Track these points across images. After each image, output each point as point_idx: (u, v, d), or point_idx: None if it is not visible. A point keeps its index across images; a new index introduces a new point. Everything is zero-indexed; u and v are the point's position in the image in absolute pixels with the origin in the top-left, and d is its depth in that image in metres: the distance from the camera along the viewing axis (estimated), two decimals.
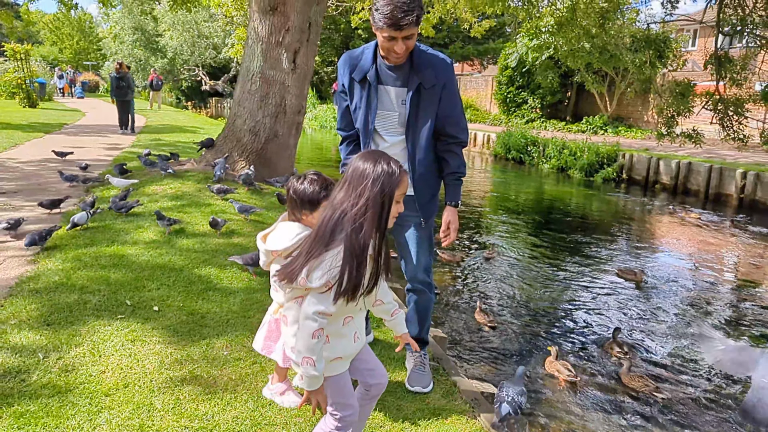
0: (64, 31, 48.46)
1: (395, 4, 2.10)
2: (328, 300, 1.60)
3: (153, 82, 22.84)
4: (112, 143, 10.89)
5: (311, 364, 1.62)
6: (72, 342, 2.63)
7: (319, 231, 1.61)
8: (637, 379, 3.75)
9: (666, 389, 3.80)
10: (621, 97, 18.29)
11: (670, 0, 8.14)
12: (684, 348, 4.47)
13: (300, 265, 1.60)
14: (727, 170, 10.61)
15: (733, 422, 3.47)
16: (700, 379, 3.99)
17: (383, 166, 1.62)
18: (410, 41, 2.21)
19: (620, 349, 4.24)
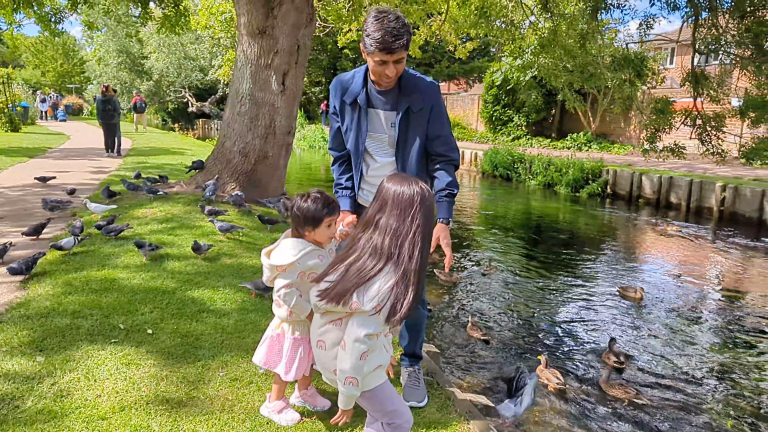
0: (46, 54, 48.32)
1: (386, 29, 2.17)
2: (377, 322, 1.66)
3: (136, 105, 22.84)
4: (99, 166, 10.84)
5: (355, 384, 1.70)
6: (66, 367, 2.62)
7: (371, 255, 1.67)
8: (617, 387, 3.82)
9: (657, 396, 3.85)
10: (603, 114, 18.69)
11: (645, 22, 8.40)
12: (674, 356, 4.54)
13: (351, 288, 1.65)
14: (707, 184, 10.85)
15: (717, 427, 3.53)
16: (691, 386, 4.05)
17: (419, 187, 1.73)
18: (400, 65, 2.29)
19: (617, 359, 4.30)
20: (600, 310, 5.64)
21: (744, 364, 4.49)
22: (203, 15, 17.51)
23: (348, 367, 1.70)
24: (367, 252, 1.69)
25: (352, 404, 1.76)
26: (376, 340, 1.72)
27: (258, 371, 2.72)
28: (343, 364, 1.72)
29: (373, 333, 1.68)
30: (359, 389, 1.71)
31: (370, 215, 1.76)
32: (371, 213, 1.77)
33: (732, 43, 7.51)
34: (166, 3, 9.03)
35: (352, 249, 1.76)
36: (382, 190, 1.78)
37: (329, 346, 1.79)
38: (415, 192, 1.72)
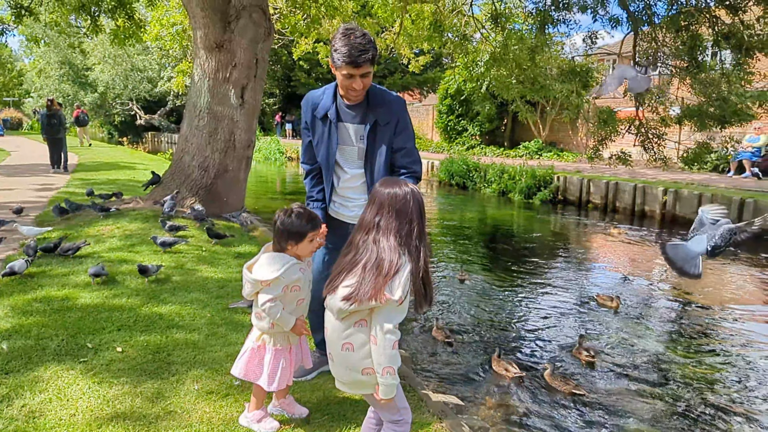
0: None
1: (352, 44, 2.30)
2: (401, 311, 1.85)
3: (78, 118, 22.05)
4: (44, 183, 10.42)
5: (392, 373, 1.85)
6: (35, 388, 2.56)
7: (387, 256, 1.83)
8: (559, 379, 4.06)
9: (601, 389, 4.08)
10: (552, 123, 19.46)
11: (590, 35, 8.88)
12: (621, 351, 4.81)
13: (382, 283, 1.81)
14: (650, 188, 11.49)
15: (668, 416, 3.78)
16: (633, 380, 4.30)
17: (409, 187, 1.91)
18: (367, 79, 2.41)
19: (588, 353, 4.54)
20: (557, 309, 5.90)
21: (685, 357, 4.80)
22: (154, 27, 17.15)
23: (384, 359, 1.84)
24: (385, 251, 1.84)
25: (392, 393, 1.89)
26: (398, 330, 1.87)
27: (234, 383, 2.74)
28: (379, 358, 1.86)
29: (398, 322, 1.85)
30: (396, 378, 1.85)
31: (369, 219, 1.90)
32: (369, 217, 1.91)
33: (670, 56, 8.04)
34: (119, 14, 8.84)
35: (359, 252, 1.88)
36: (377, 195, 1.92)
37: (358, 347, 1.89)
38: (406, 192, 1.89)
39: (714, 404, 3.95)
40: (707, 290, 6.73)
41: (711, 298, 6.41)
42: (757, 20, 6.80)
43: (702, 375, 4.42)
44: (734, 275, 7.39)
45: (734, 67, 7.30)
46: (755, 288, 6.89)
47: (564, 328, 5.40)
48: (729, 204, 9.78)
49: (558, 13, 8.44)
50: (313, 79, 29.98)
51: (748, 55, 7.03)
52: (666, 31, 7.79)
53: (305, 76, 29.97)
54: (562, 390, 3.99)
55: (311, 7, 10.68)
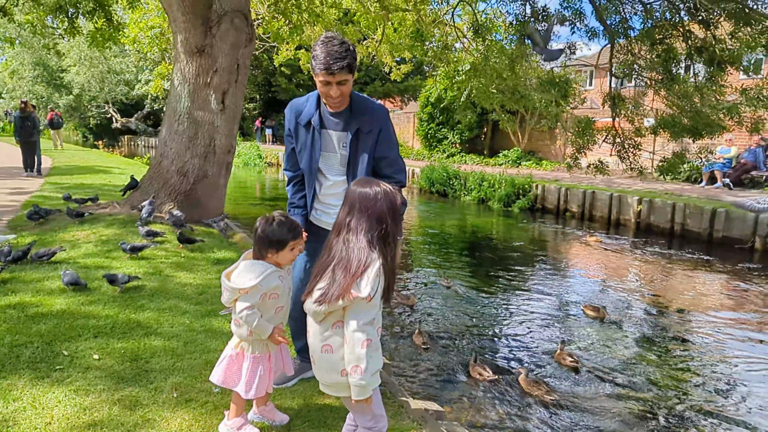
0: None
1: (328, 51, 2.34)
2: (370, 309, 1.83)
3: (53, 120, 21.63)
4: (16, 187, 10.17)
5: (360, 372, 1.83)
6: (9, 396, 2.51)
7: (356, 255, 1.85)
8: (533, 384, 4.14)
9: (574, 393, 4.16)
10: (531, 132, 19.76)
11: (568, 47, 9.06)
12: (597, 356, 4.90)
13: (351, 282, 1.82)
14: (625, 197, 11.74)
15: (645, 420, 3.86)
16: (607, 384, 4.39)
17: (381, 187, 1.91)
18: (344, 86, 2.43)
19: (571, 358, 4.63)
20: (537, 315, 5.99)
21: (663, 363, 4.92)
22: (132, 29, 16.96)
23: (353, 357, 1.84)
24: (353, 251, 1.85)
25: (365, 394, 1.87)
26: (372, 328, 1.86)
27: (213, 390, 2.72)
28: (348, 356, 1.86)
29: (368, 320, 1.83)
30: (368, 379, 1.83)
31: (341, 219, 1.93)
32: (341, 217, 1.93)
33: (645, 68, 8.26)
34: (98, 16, 8.72)
35: (331, 254, 1.90)
36: (349, 195, 1.95)
37: (336, 348, 1.90)
38: (377, 191, 1.90)
39: (689, 408, 4.06)
40: (683, 297, 6.90)
41: (687, 304, 6.57)
42: (732, 36, 7.02)
43: (678, 380, 4.53)
44: (711, 284, 7.59)
45: (707, 80, 7.52)
46: (730, 296, 7.08)
47: (544, 334, 5.48)
48: (701, 213, 10.05)
49: (537, 24, 8.62)
50: (294, 85, 29.93)
51: (720, 68, 7.25)
52: (641, 44, 8.00)
53: (286, 82, 29.90)
54: (536, 394, 4.07)
55: (293, 14, 10.69)
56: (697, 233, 10.13)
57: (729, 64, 7.22)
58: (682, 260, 8.74)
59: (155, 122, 35.05)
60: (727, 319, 6.00)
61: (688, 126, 7.69)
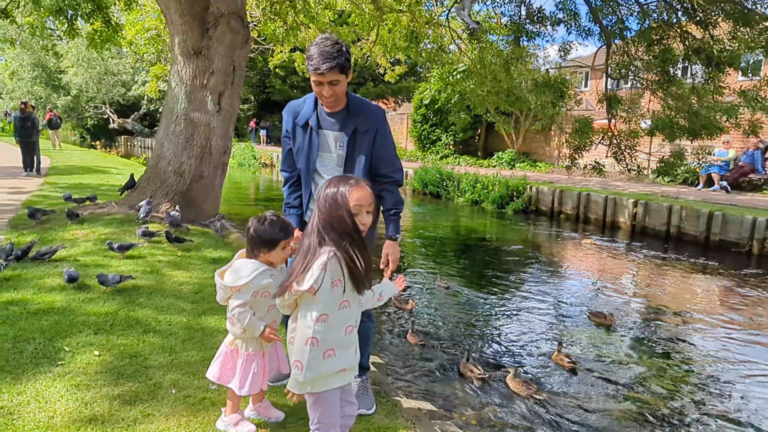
0: None
1: (320, 51, 2.42)
2: (317, 303, 1.90)
3: (51, 121, 21.67)
4: (16, 186, 10.22)
5: (300, 368, 1.91)
6: (13, 390, 2.58)
7: (306, 250, 1.94)
8: (521, 384, 4.23)
9: (563, 393, 4.24)
10: (526, 134, 19.87)
11: (563, 47, 9.15)
12: (590, 358, 4.98)
13: (293, 279, 1.92)
14: (621, 200, 11.83)
15: (639, 421, 3.95)
16: (600, 387, 4.48)
17: (336, 187, 1.97)
18: (336, 87, 2.50)
19: (569, 359, 4.70)
20: (532, 316, 6.06)
21: (655, 366, 5.00)
22: (129, 31, 17.02)
23: (297, 350, 1.94)
24: (305, 245, 1.97)
25: (297, 389, 1.95)
26: (322, 326, 1.91)
27: (210, 387, 2.79)
28: (295, 348, 1.96)
29: (317, 317, 1.91)
30: (304, 375, 1.91)
31: (311, 222, 2.03)
32: (312, 220, 2.03)
33: (641, 69, 8.30)
34: (96, 18, 8.78)
35: (299, 253, 2.01)
36: (318, 195, 2.06)
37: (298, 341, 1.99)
38: (334, 192, 1.96)
39: (685, 411, 4.11)
40: (679, 300, 6.98)
41: (683, 307, 6.60)
42: (731, 36, 7.01)
43: (675, 383, 4.58)
44: (708, 287, 7.64)
45: (705, 81, 7.54)
46: (727, 299, 7.13)
47: (539, 335, 5.54)
48: (698, 216, 10.12)
49: (533, 26, 8.70)
50: (288, 86, 29.99)
51: (719, 69, 7.23)
52: (638, 44, 8.04)
53: (280, 83, 29.95)
54: (523, 394, 4.15)
55: (289, 15, 10.77)
56: (694, 236, 10.16)
57: (727, 64, 7.18)
58: (678, 263, 8.79)
59: (151, 123, 35.04)
60: (724, 323, 6.02)
61: (686, 127, 7.72)
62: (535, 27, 8.70)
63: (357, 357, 2.07)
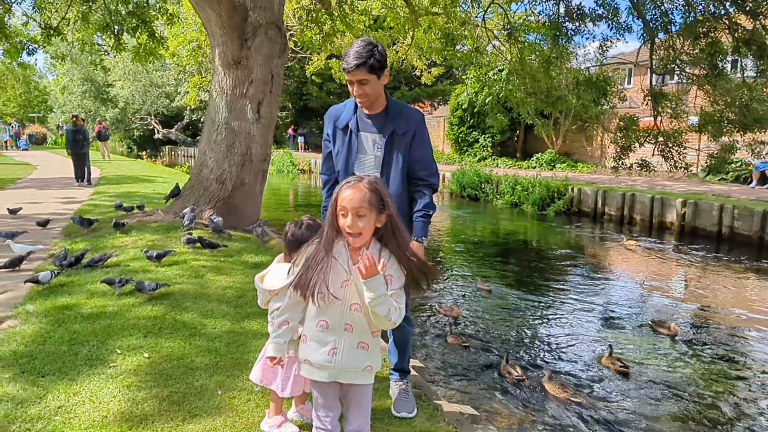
0: (8, 83, 47.30)
1: (352, 51, 2.48)
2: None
3: (100, 133, 22.69)
4: (69, 196, 10.73)
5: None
6: (69, 390, 2.70)
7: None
8: (557, 386, 4.13)
9: (603, 397, 4.10)
10: (566, 134, 19.45)
11: (603, 44, 8.93)
12: (636, 362, 4.81)
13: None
14: (668, 199, 11.41)
15: None
16: (673, 391, 4.31)
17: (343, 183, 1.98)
18: (366, 86, 2.53)
19: (620, 363, 4.57)
20: (575, 320, 5.91)
21: (709, 374, 4.78)
22: (172, 43, 17.66)
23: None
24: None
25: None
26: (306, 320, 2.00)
27: (254, 389, 2.84)
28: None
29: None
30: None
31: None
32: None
33: (688, 63, 8.01)
34: (141, 32, 9.15)
35: None
36: None
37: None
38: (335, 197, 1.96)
39: (738, 421, 3.94)
40: (734, 304, 6.67)
41: (738, 312, 6.29)
42: None
43: (730, 390, 4.37)
44: (765, 291, 7.28)
45: (757, 74, 7.23)
46: None
47: (585, 338, 5.40)
48: (751, 216, 9.66)
49: (572, 23, 8.52)
50: (325, 93, 30.37)
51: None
52: (683, 38, 7.77)
53: (317, 90, 30.36)
54: (561, 396, 4.07)
55: (325, 23, 10.92)
56: (747, 237, 9.70)
57: None
58: (731, 265, 8.38)
59: (194, 132, 36.14)
60: None
61: (736, 120, 7.41)
62: (574, 25, 8.52)
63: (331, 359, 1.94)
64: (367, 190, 1.87)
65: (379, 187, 1.91)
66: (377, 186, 1.91)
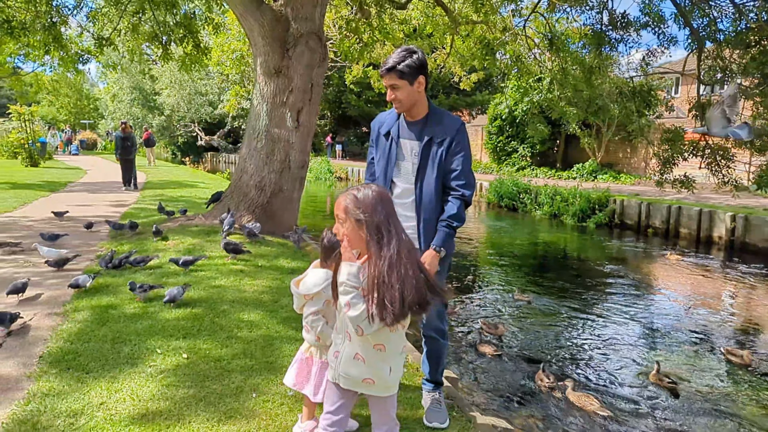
0: (62, 91, 49.71)
1: (389, 57, 2.54)
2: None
3: (149, 139, 23.56)
4: (118, 200, 11.16)
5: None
6: (111, 388, 2.79)
7: None
8: (583, 397, 4.05)
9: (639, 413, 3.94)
10: (608, 144, 18.97)
11: (648, 54, 8.68)
12: (682, 379, 4.62)
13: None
14: (716, 213, 10.96)
15: None
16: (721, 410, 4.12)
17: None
18: (397, 91, 2.56)
19: (668, 379, 4.48)
20: (613, 335, 5.73)
21: (757, 399, 4.55)
22: (216, 52, 18.23)
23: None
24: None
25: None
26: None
27: (287, 393, 2.86)
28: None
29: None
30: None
31: None
32: None
33: (737, 73, 7.70)
34: (187, 42, 9.47)
35: None
36: None
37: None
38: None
39: None
40: None
41: None
42: None
43: None
44: None
45: None
46: None
47: (627, 353, 5.24)
48: None
49: (616, 32, 8.33)
50: (363, 102, 30.63)
51: None
52: (733, 47, 7.49)
53: (355, 99, 30.65)
54: (585, 408, 3.99)
55: (364, 33, 11.03)
56: None
57: None
58: None
59: (235, 139, 37.04)
60: None
61: None
62: (618, 34, 8.33)
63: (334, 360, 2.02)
64: (349, 199, 1.92)
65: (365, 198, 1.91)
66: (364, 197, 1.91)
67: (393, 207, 1.98)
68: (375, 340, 1.93)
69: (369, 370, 1.95)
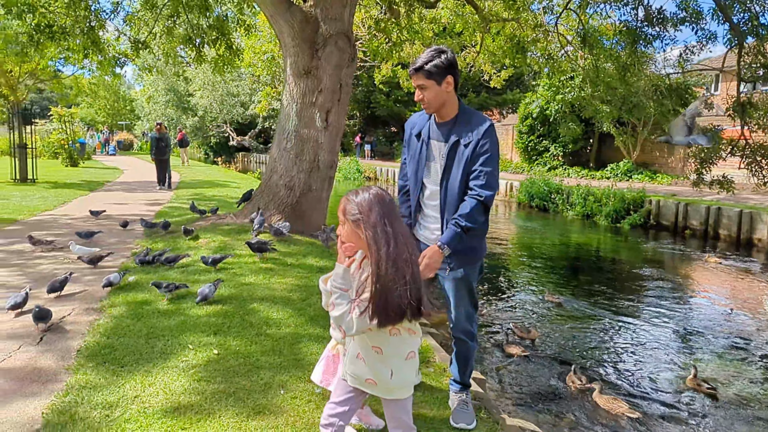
0: (99, 93, 51.32)
1: (419, 57, 2.53)
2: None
3: (183, 139, 24.13)
4: (153, 199, 11.47)
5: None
6: (145, 381, 2.87)
7: None
8: (611, 400, 3.98)
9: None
10: (644, 143, 18.47)
11: (686, 51, 8.42)
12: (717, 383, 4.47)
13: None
14: (758, 214, 10.56)
15: None
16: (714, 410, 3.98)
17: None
18: (425, 92, 2.54)
19: (707, 385, 4.39)
20: (647, 338, 5.59)
21: None
22: (247, 54, 18.54)
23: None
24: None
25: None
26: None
27: (315, 390, 2.89)
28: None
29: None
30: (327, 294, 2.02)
31: None
32: None
33: None
34: (220, 44, 9.65)
35: None
36: None
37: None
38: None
39: None
40: None
41: None
42: None
43: None
44: None
45: None
46: None
47: (663, 357, 5.12)
48: None
49: (651, 28, 8.11)
50: (392, 102, 30.62)
51: None
52: None
53: (384, 99, 30.67)
54: (615, 411, 3.93)
55: (393, 32, 11.03)
56: None
57: None
58: None
59: (265, 140, 37.56)
60: None
61: None
62: (654, 30, 8.11)
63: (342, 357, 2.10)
64: (347, 201, 1.97)
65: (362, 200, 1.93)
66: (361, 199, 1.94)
67: (392, 208, 1.95)
68: (372, 341, 1.95)
69: (369, 370, 1.97)
